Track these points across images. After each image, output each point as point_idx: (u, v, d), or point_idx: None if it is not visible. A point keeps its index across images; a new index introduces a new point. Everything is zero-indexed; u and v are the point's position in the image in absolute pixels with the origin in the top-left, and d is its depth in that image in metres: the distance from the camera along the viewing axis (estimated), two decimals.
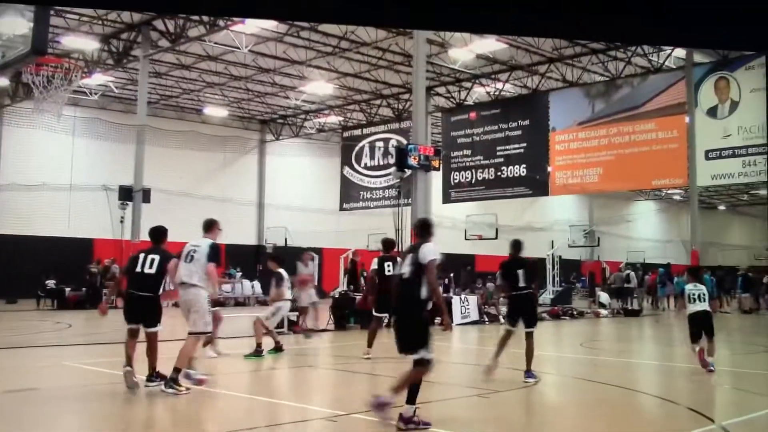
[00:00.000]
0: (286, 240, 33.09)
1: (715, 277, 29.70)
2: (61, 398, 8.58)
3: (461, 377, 11.32)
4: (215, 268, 8.66)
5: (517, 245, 10.09)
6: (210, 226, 9.13)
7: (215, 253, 8.69)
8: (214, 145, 34.42)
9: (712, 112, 25.56)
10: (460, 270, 31.56)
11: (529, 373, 9.44)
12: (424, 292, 6.42)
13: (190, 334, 8.67)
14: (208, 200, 33.23)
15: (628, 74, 28.22)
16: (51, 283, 25.17)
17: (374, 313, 12.57)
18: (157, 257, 8.60)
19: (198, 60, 28.50)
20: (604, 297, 26.59)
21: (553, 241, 36.07)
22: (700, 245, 28.63)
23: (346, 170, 33.00)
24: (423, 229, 6.94)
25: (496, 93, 31.96)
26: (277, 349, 12.43)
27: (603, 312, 25.13)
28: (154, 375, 8.71)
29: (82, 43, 25.93)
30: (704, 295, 10.63)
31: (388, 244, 13.49)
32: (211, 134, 34.67)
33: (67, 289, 25.05)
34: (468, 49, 26.99)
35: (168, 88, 32.53)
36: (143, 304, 8.57)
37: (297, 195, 37.06)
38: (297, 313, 16.95)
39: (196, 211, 32.02)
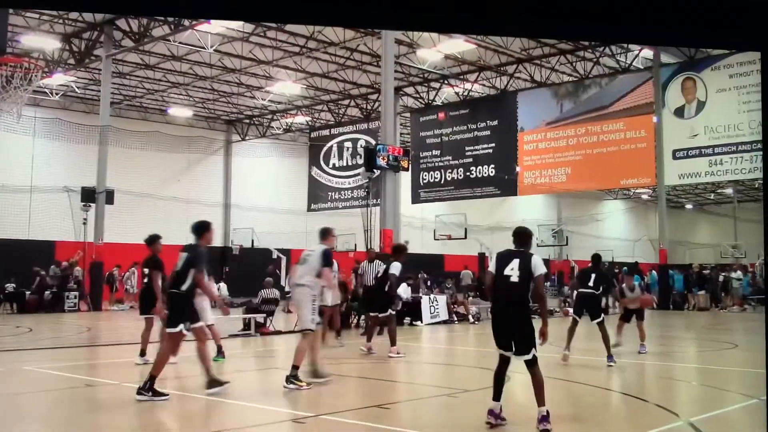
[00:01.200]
0: (252, 241, 32.92)
1: (682, 275, 30.14)
2: (20, 403, 8.44)
3: (431, 377, 11.35)
4: (329, 272, 9.31)
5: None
6: (325, 234, 9.85)
7: (327, 257, 9.29)
8: (178, 145, 34.11)
9: (679, 112, 25.96)
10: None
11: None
12: (530, 298, 6.93)
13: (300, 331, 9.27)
14: (173, 201, 32.92)
15: (596, 74, 28.53)
16: (10, 286, 24.75)
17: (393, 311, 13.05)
18: (185, 254, 8.61)
19: (162, 60, 28.22)
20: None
21: None
22: (668, 244, 29.07)
23: (314, 171, 32.91)
24: (525, 238, 7.29)
25: (465, 93, 32.12)
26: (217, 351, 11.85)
27: (571, 311, 25.30)
28: (146, 386, 8.17)
29: (42, 42, 25.57)
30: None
31: (398, 249, 13.86)
32: (176, 135, 34.36)
33: (27, 293, 24.66)
34: (436, 49, 27.08)
35: (131, 89, 32.17)
36: (170, 301, 8.64)
37: (264, 196, 36.89)
38: (264, 314, 16.92)
39: (161, 213, 31.85)
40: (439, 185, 30.85)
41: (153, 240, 11.10)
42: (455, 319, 21.20)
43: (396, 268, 12.83)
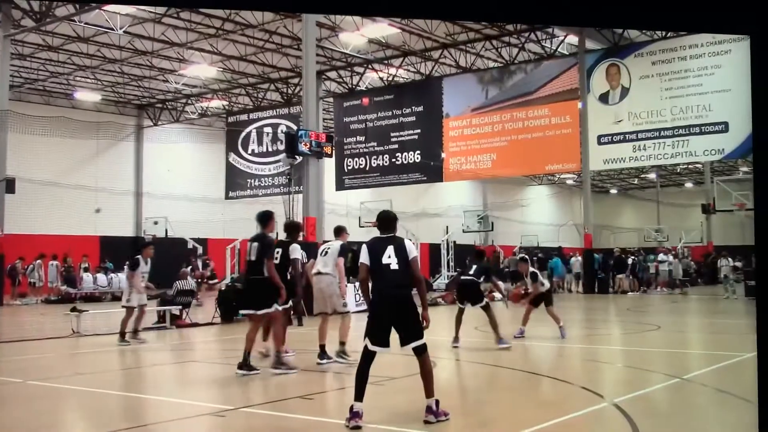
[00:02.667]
0: (166, 231, 32.28)
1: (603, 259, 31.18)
2: None
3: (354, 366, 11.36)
4: (342, 263, 10.49)
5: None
6: (338, 232, 11.02)
7: (344, 250, 10.62)
8: (86, 131, 33.11)
9: (604, 98, 26.70)
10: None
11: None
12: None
13: (338, 314, 10.51)
14: (81, 190, 32.01)
15: (522, 60, 29.04)
16: None
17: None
18: (255, 244, 9.76)
19: (67, 41, 27.34)
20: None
21: (447, 227, 36.78)
22: (593, 228, 29.91)
23: (232, 157, 32.49)
24: (392, 222, 7.16)
25: (389, 79, 32.21)
26: None
27: (497, 296, 25.70)
28: (277, 361, 9.69)
29: None
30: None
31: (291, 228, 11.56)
32: (83, 120, 33.33)
33: None
34: (359, 33, 27.05)
35: (34, 71, 31.04)
36: (255, 287, 9.74)
37: (178, 183, 36.15)
38: (180, 306, 16.67)
39: (69, 201, 30.94)
40: (364, 172, 30.92)
41: None
42: None
43: (296, 250, 10.56)
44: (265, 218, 9.97)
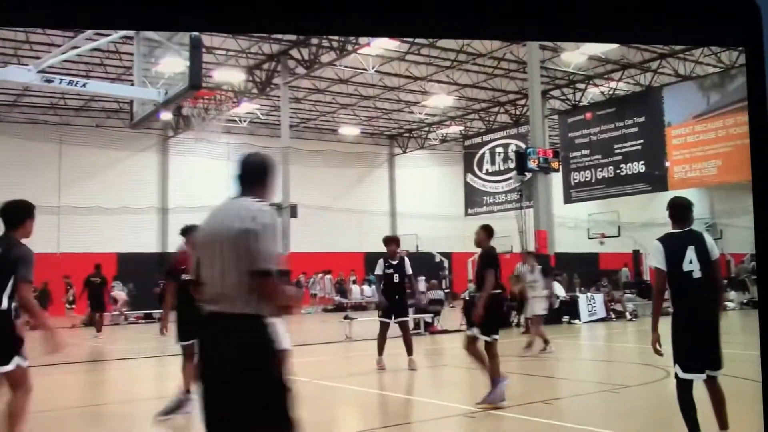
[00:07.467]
0: (417, 246, 33.20)
1: None
2: None
3: (591, 373, 11.03)
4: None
5: None
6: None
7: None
8: (349, 161, 35.14)
9: None
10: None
11: None
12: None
13: None
14: (346, 213, 33.88)
15: (743, 63, 26.49)
16: None
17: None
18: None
19: (331, 84, 29.11)
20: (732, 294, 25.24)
21: None
22: None
23: (469, 177, 32.82)
24: (687, 211, 5.28)
25: (610, 92, 30.89)
26: None
27: (730, 305, 23.73)
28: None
29: (230, 75, 26.94)
30: None
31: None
32: (346, 152, 35.46)
33: None
34: (580, 51, 26.27)
35: (306, 112, 33.28)
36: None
37: (425, 203, 37.11)
38: (432, 314, 16.98)
39: (337, 223, 33.03)
40: (590, 184, 29.83)
41: None
42: (613, 316, 20.45)
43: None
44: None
